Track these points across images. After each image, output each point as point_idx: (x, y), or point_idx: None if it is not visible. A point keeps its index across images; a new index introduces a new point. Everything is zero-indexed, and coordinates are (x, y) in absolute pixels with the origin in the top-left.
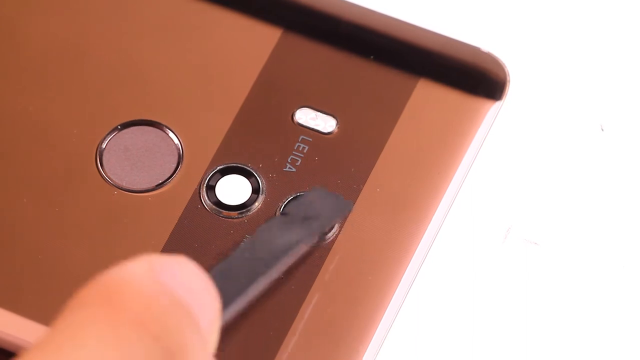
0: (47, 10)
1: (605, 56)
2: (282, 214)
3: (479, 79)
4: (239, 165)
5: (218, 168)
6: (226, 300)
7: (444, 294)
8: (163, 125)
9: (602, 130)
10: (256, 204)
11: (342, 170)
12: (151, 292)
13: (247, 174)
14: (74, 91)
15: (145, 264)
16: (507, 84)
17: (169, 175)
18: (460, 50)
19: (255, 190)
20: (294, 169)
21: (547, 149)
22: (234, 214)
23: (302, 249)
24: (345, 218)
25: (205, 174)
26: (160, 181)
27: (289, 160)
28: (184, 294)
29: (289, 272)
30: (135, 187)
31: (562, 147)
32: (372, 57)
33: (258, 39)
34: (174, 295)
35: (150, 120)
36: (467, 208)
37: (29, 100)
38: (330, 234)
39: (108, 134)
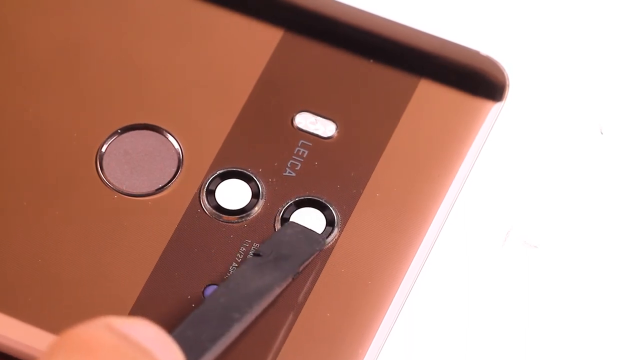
0: (46, 12)
1: (605, 59)
2: (255, 254)
3: (477, 82)
4: (239, 170)
5: (218, 172)
6: (197, 351)
7: (443, 297)
8: (163, 129)
9: (602, 133)
10: (256, 208)
11: (341, 174)
12: (117, 342)
13: (247, 179)
14: (74, 94)
15: (102, 323)
16: (507, 87)
17: (169, 179)
18: (459, 53)
19: (255, 195)
20: (293, 174)
21: (546, 152)
22: (233, 218)
23: (276, 291)
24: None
25: (205, 178)
26: (160, 185)
27: (288, 165)
28: (147, 344)
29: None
30: (135, 191)
31: (562, 150)
32: (371, 60)
33: (258, 42)
34: (138, 344)
35: (151, 124)
36: (467, 211)
37: (28, 104)
38: (330, 239)
39: (108, 138)
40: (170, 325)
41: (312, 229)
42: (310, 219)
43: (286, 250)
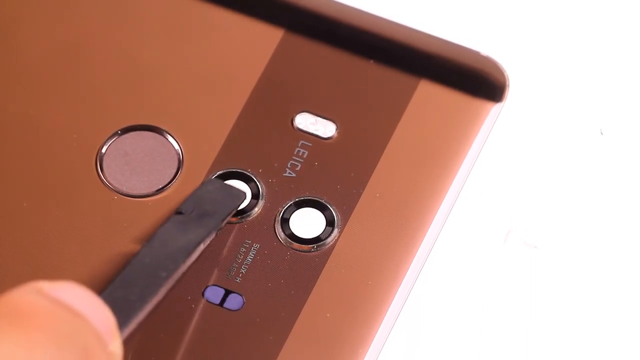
0: (46, 13)
1: (605, 60)
2: (177, 212)
3: (478, 82)
4: (239, 171)
5: (218, 173)
6: (127, 311)
7: (443, 297)
8: (163, 130)
9: (602, 133)
10: (256, 209)
11: (341, 175)
12: (49, 306)
13: (246, 179)
14: (74, 95)
15: (33, 288)
16: (507, 87)
17: (169, 180)
18: (460, 54)
19: (255, 196)
20: (293, 174)
21: (547, 153)
22: (233, 219)
23: (201, 248)
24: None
25: (205, 179)
26: (160, 186)
27: (288, 166)
28: (79, 307)
29: (289, 276)
30: (135, 192)
31: (562, 150)
32: (371, 60)
33: (258, 42)
34: (70, 307)
35: (151, 125)
36: (467, 211)
37: (28, 105)
38: (330, 239)
39: (108, 139)
40: (172, 328)
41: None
42: (310, 219)
43: (208, 206)
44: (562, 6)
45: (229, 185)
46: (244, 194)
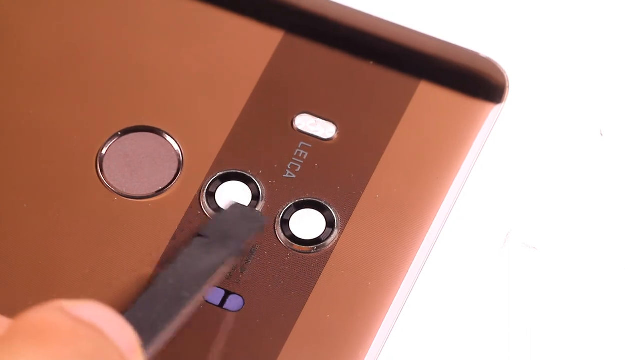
0: (47, 14)
1: (605, 61)
2: (200, 235)
3: (477, 84)
4: (239, 172)
5: (218, 174)
6: (151, 331)
7: (443, 298)
8: (163, 131)
9: (602, 135)
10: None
11: (341, 176)
12: (70, 324)
13: (247, 180)
14: (74, 96)
15: (55, 306)
16: (506, 88)
17: (169, 181)
18: (459, 55)
19: (255, 197)
20: (293, 175)
21: (546, 154)
22: None
23: (224, 270)
24: (260, 230)
25: (205, 180)
26: (160, 187)
27: (288, 167)
28: (101, 325)
29: (289, 277)
30: (135, 193)
31: (562, 151)
32: (371, 62)
33: (259, 44)
34: (91, 325)
35: (151, 127)
36: (466, 212)
37: (29, 106)
38: (330, 240)
39: (108, 140)
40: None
41: (313, 232)
42: (310, 220)
43: (229, 229)
44: (561, 7)
45: (249, 208)
46: (265, 218)
